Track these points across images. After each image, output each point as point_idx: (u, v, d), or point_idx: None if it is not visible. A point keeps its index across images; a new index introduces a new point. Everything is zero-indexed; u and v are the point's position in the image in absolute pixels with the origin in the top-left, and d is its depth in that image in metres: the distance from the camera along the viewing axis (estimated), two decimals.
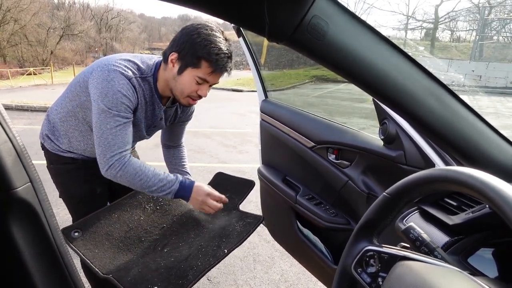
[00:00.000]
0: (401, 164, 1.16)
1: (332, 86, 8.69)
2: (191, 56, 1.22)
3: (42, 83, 19.17)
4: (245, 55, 1.88)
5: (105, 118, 1.21)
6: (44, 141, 1.52)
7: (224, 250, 1.19)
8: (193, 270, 1.12)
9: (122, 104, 1.22)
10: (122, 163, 1.24)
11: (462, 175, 0.51)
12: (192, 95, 1.30)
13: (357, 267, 0.65)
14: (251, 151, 5.93)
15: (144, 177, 1.26)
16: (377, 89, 0.70)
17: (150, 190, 1.27)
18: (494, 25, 27.60)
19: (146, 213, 1.39)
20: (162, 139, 1.72)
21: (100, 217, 1.33)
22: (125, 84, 1.22)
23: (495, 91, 16.38)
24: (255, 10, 0.56)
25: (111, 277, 1.10)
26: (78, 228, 1.27)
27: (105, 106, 1.20)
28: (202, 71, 1.23)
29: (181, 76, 1.26)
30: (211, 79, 1.26)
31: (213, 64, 1.21)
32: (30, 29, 31.27)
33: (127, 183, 1.27)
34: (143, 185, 1.26)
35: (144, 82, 1.31)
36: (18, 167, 0.63)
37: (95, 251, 1.21)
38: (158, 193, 1.28)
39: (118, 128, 1.23)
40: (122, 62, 1.26)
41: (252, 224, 1.31)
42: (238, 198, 1.51)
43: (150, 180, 1.26)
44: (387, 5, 75.82)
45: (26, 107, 9.91)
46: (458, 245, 0.78)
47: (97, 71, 1.24)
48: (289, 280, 2.45)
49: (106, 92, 1.20)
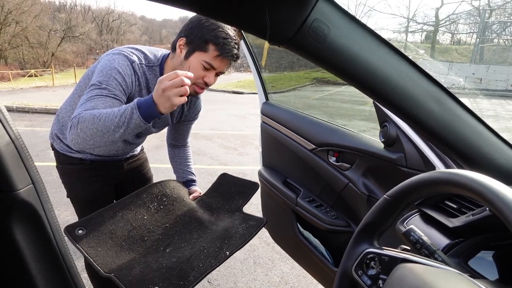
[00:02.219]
0: (401, 167, 1.16)
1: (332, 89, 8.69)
2: (199, 40, 1.21)
3: (43, 85, 19.18)
4: (246, 58, 1.89)
5: (93, 89, 1.15)
6: (54, 141, 1.54)
7: (226, 252, 1.19)
8: (195, 272, 1.12)
9: (114, 79, 1.18)
10: (78, 116, 1.08)
11: (462, 178, 0.51)
12: (198, 82, 1.27)
13: (357, 269, 0.65)
14: (251, 153, 5.93)
15: (104, 115, 1.05)
16: (377, 91, 0.70)
17: (116, 124, 1.04)
18: (495, 28, 27.64)
19: (149, 212, 1.39)
20: (168, 138, 1.73)
21: (105, 215, 1.32)
22: (125, 64, 1.22)
23: (496, 94, 16.38)
24: (256, 13, 0.57)
25: (113, 276, 1.11)
26: (82, 226, 1.27)
27: (97, 81, 1.17)
28: (209, 55, 1.22)
29: (188, 60, 1.25)
30: (217, 65, 1.24)
31: (220, 48, 1.20)
32: (31, 31, 31.33)
33: (90, 134, 1.06)
34: (105, 123, 1.04)
35: (150, 71, 1.30)
36: (20, 169, 0.64)
37: (98, 249, 1.21)
38: (124, 123, 1.04)
39: (97, 97, 1.13)
40: (129, 49, 1.27)
41: (255, 227, 1.31)
42: (242, 200, 1.51)
43: (110, 114, 1.05)
44: (388, 8, 75.90)
45: (27, 108, 9.92)
46: (459, 247, 0.78)
47: (103, 58, 1.25)
48: (290, 283, 2.45)
49: (102, 69, 1.19)
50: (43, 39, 32.99)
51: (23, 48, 31.60)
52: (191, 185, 1.62)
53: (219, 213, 1.45)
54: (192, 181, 1.66)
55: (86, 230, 1.25)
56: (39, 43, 32.62)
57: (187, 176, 1.66)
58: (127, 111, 1.04)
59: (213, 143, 6.60)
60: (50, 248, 0.68)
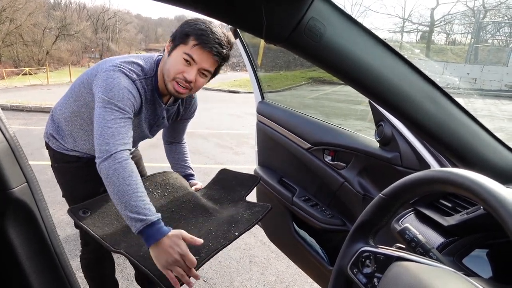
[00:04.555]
0: (396, 166, 1.17)
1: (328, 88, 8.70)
2: (180, 34, 1.23)
3: (37, 83, 19.04)
4: (242, 57, 1.88)
5: (111, 109, 1.16)
6: (49, 140, 1.52)
7: (235, 233, 1.18)
8: (205, 249, 1.11)
9: (128, 99, 1.20)
10: (125, 158, 1.13)
11: (457, 177, 0.51)
12: (178, 77, 1.24)
13: (353, 267, 0.65)
14: (247, 153, 5.92)
15: (136, 185, 1.10)
16: (373, 91, 0.70)
17: (131, 201, 1.08)
18: (489, 29, 27.81)
19: (154, 199, 1.37)
20: (164, 135, 1.73)
21: (109, 200, 1.28)
22: (130, 84, 1.23)
23: (490, 93, 16.48)
24: (252, 12, 0.57)
25: (122, 251, 1.09)
26: (86, 208, 1.25)
27: (110, 99, 1.16)
28: (188, 46, 1.21)
29: (170, 56, 1.25)
30: (197, 57, 1.21)
31: (198, 37, 1.19)
32: (25, 29, 31.06)
33: (114, 181, 1.10)
34: (129, 191, 1.09)
35: (147, 82, 1.30)
36: (15, 167, 0.63)
37: (104, 229, 1.19)
38: (129, 212, 1.08)
39: (122, 121, 1.17)
40: (127, 65, 1.26)
41: (261, 212, 1.30)
42: (244, 191, 1.50)
43: (139, 192, 1.10)
44: (383, 8, 76.26)
45: (21, 107, 9.85)
46: (453, 246, 0.78)
47: (102, 73, 1.23)
48: (285, 282, 2.45)
49: (111, 87, 1.18)
50: (37, 37, 32.73)
51: (17, 46, 31.32)
52: (190, 179, 1.63)
53: (222, 203, 1.45)
54: (191, 175, 1.66)
55: (90, 212, 1.24)
56: (33, 41, 32.36)
57: (185, 170, 1.67)
58: (140, 217, 1.06)
59: (209, 142, 6.59)
60: (45, 247, 0.68)
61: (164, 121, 1.47)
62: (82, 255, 1.68)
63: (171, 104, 1.45)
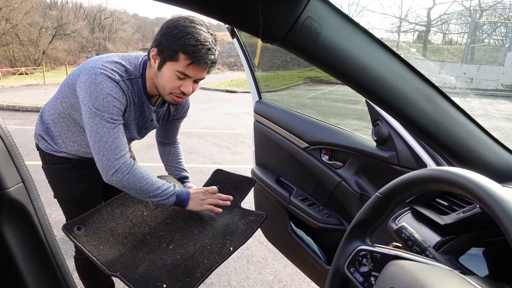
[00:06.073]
0: (393, 165, 1.17)
1: (325, 88, 8.73)
2: (168, 49, 1.16)
3: (34, 83, 18.96)
4: (239, 56, 1.88)
5: (100, 121, 1.18)
6: (39, 141, 1.51)
7: (229, 248, 1.18)
8: (200, 268, 1.11)
9: (114, 107, 1.20)
10: (129, 166, 1.22)
11: (453, 175, 0.52)
12: (175, 91, 1.23)
13: (350, 266, 0.66)
14: (244, 152, 5.92)
15: (150, 181, 1.26)
16: (369, 90, 0.70)
17: (154, 193, 1.27)
18: (485, 28, 27.93)
19: (149, 208, 1.38)
20: (157, 136, 1.70)
21: (103, 213, 1.30)
22: (114, 87, 1.20)
23: (486, 93, 16.57)
24: (249, 11, 0.57)
25: (119, 275, 1.09)
26: (80, 224, 1.25)
27: (97, 110, 1.17)
28: (180, 64, 1.16)
29: (161, 71, 1.21)
30: (192, 73, 1.19)
31: (190, 56, 1.14)
32: (21, 28, 30.91)
33: (131, 188, 1.25)
34: (148, 189, 1.26)
35: (132, 83, 1.28)
36: (10, 167, 0.63)
37: (100, 247, 1.19)
38: (161, 197, 1.28)
39: (115, 131, 1.21)
40: (109, 65, 1.23)
41: (256, 222, 1.30)
42: (239, 196, 1.50)
43: (155, 184, 1.26)
44: (380, 8, 76.31)
45: (17, 107, 9.80)
46: (449, 244, 0.79)
47: (84, 74, 1.21)
48: (283, 281, 2.46)
49: (95, 95, 1.17)
50: (34, 36, 32.59)
51: (13, 45, 31.16)
52: (184, 182, 1.62)
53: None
54: (185, 177, 1.64)
55: (85, 228, 1.24)
56: (29, 41, 32.21)
57: (179, 173, 1.65)
58: (168, 192, 1.30)
59: (206, 142, 6.58)
60: (41, 247, 0.68)
61: (153, 123, 1.46)
62: (76, 256, 1.67)
63: (160, 106, 1.43)
